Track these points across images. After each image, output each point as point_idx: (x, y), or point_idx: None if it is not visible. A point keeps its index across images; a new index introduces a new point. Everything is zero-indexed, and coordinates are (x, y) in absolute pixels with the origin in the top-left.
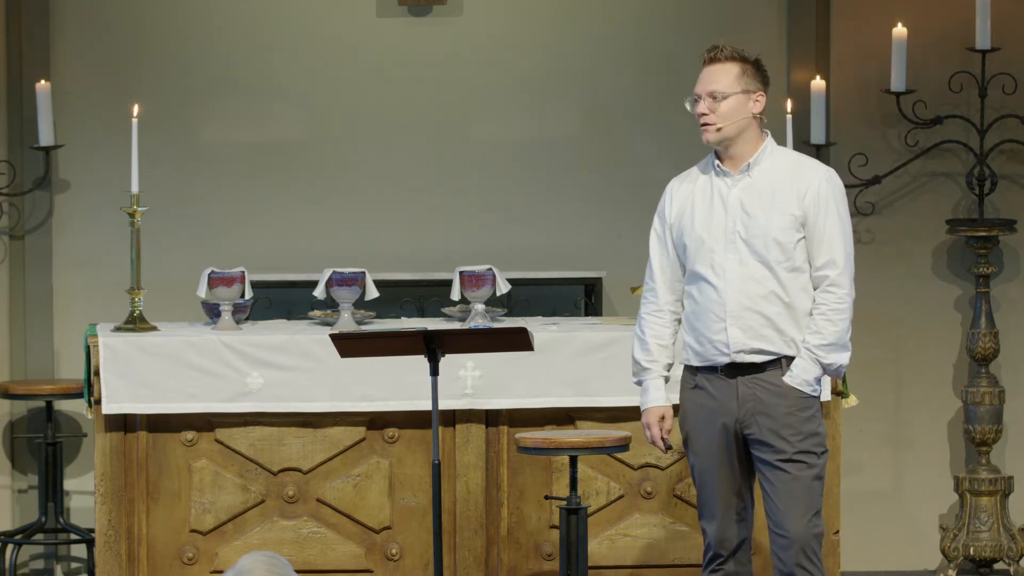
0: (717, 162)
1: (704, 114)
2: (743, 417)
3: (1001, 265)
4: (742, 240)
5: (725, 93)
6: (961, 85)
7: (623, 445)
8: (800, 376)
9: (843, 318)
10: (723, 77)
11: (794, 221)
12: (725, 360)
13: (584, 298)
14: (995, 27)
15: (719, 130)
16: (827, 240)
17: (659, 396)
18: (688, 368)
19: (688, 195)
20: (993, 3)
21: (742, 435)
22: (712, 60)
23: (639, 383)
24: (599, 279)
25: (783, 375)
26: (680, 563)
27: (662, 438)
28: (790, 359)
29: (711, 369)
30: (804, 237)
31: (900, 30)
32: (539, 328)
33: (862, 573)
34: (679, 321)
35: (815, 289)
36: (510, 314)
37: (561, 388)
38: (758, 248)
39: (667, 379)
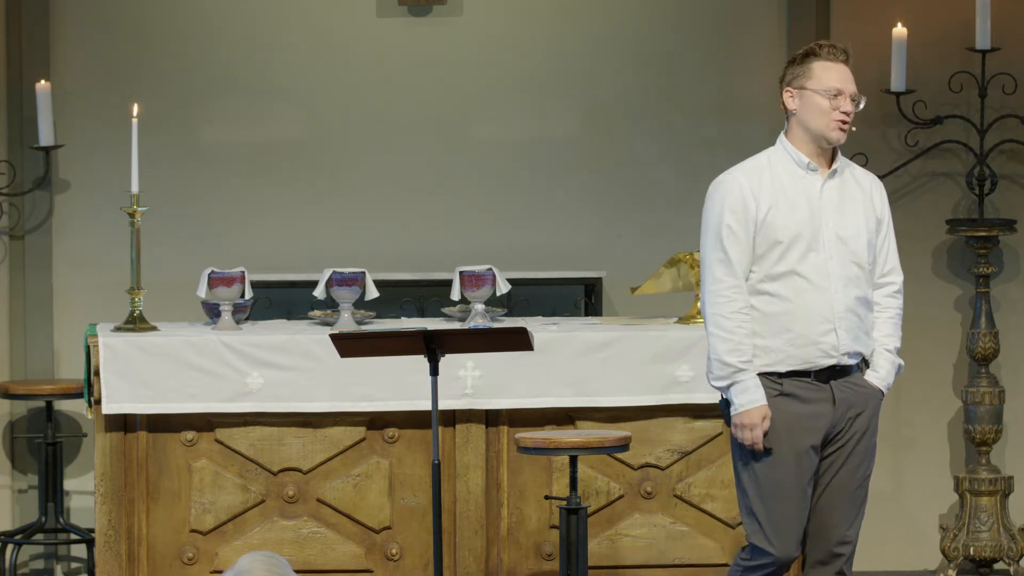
0: (807, 159)
1: (849, 112)
2: (837, 420)
3: (1001, 265)
4: (840, 240)
5: (861, 97)
6: (961, 85)
7: (623, 445)
8: (886, 378)
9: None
10: (853, 79)
11: (878, 225)
12: (830, 362)
13: (584, 298)
14: (995, 27)
15: (849, 131)
16: (893, 246)
17: (762, 395)
18: (767, 375)
19: (774, 191)
20: (993, 3)
21: (827, 440)
22: (847, 60)
23: (727, 383)
24: (599, 279)
25: (863, 376)
26: (680, 563)
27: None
28: (866, 362)
29: (802, 374)
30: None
31: (900, 30)
32: (539, 328)
33: (862, 573)
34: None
35: (877, 292)
36: (510, 314)
37: (561, 388)
38: (855, 248)
39: None
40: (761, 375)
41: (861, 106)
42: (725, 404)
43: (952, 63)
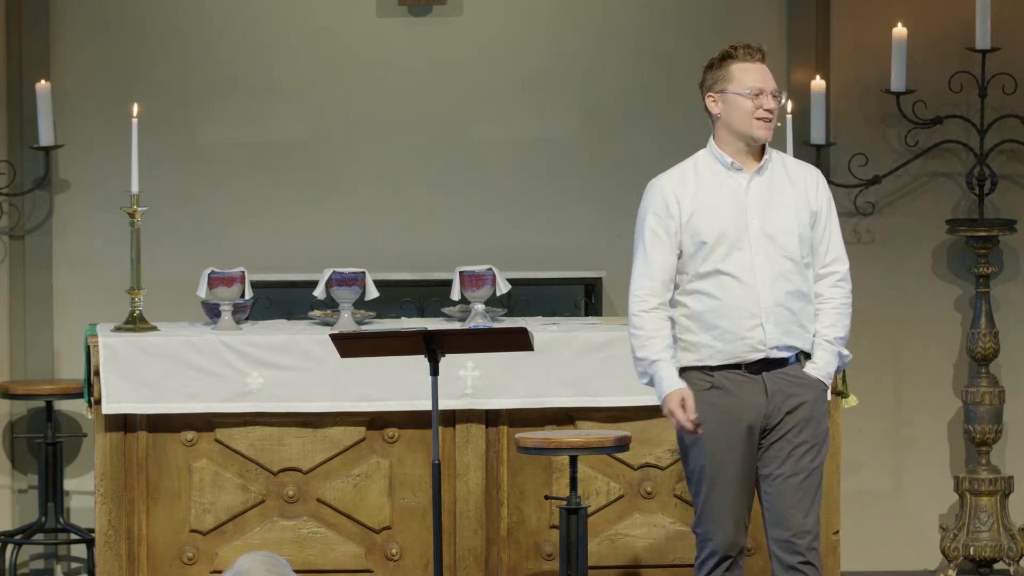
0: (730, 159)
1: (773, 110)
2: (771, 412)
3: (1001, 265)
4: (767, 236)
5: (781, 92)
6: (961, 85)
7: (623, 445)
8: (824, 368)
9: (850, 313)
10: (771, 76)
11: (810, 217)
12: (758, 356)
13: (584, 298)
14: (995, 27)
15: (775, 126)
16: (834, 236)
17: (675, 380)
18: (698, 369)
19: (697, 193)
20: (993, 3)
21: (764, 431)
22: (763, 59)
23: (648, 378)
24: (599, 279)
25: (803, 368)
26: (680, 563)
27: (691, 420)
28: (807, 354)
29: (733, 367)
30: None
31: (900, 30)
32: (539, 328)
33: (862, 573)
34: (671, 320)
35: (820, 283)
36: (510, 314)
37: (561, 388)
38: (784, 244)
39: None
40: (693, 369)
41: (783, 101)
42: None
43: (952, 63)
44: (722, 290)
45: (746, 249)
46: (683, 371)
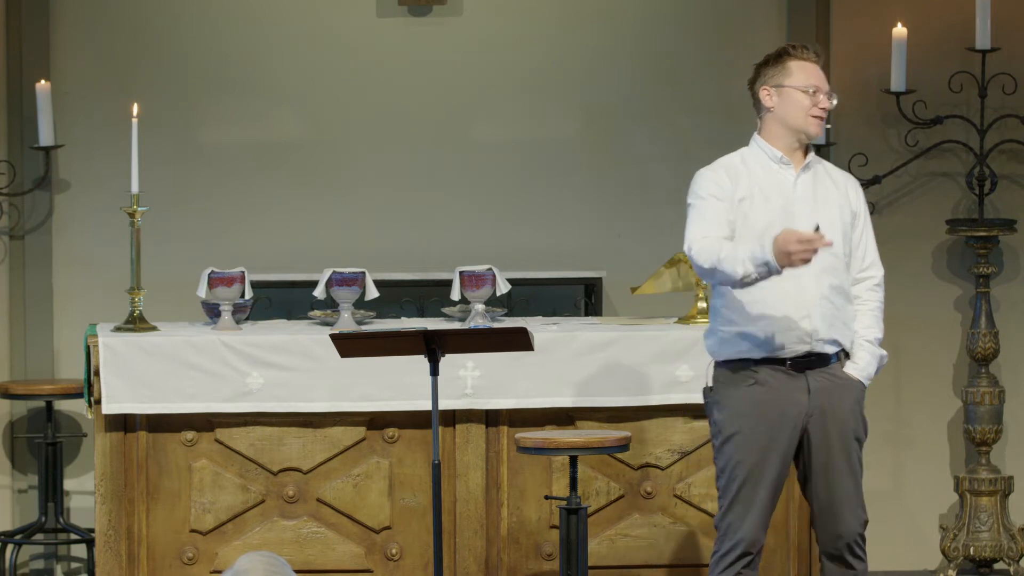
0: (779, 153)
1: (826, 108)
2: (812, 410)
3: (1001, 265)
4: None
5: (834, 95)
6: (961, 85)
7: (623, 445)
8: (865, 370)
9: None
10: (825, 78)
11: (854, 218)
12: (804, 348)
13: (584, 298)
14: (995, 27)
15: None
16: (871, 242)
17: (767, 239)
18: (741, 362)
19: (749, 184)
20: (993, 3)
21: (803, 430)
22: (819, 60)
23: (747, 263)
24: (599, 279)
25: (843, 368)
26: (680, 563)
27: (818, 236)
28: (846, 353)
29: (776, 362)
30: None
31: (900, 30)
32: (539, 328)
33: None
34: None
35: (857, 287)
36: (510, 314)
37: (561, 388)
38: (828, 238)
39: None
40: (735, 362)
41: (834, 103)
42: (706, 393)
43: (952, 63)
44: (769, 281)
45: None
46: (724, 363)
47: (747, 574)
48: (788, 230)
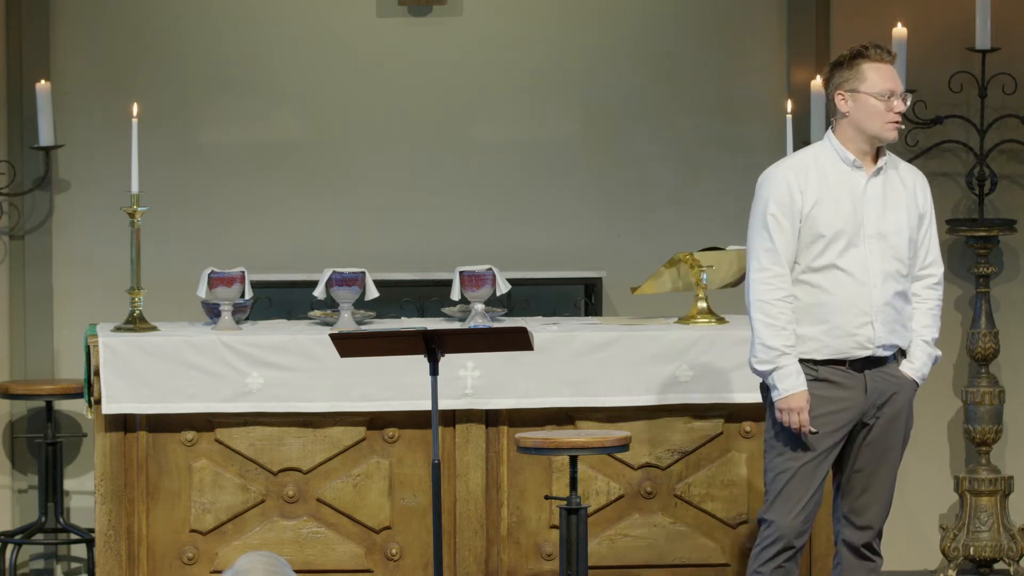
0: (852, 156)
1: (902, 112)
2: (867, 408)
3: (1001, 265)
4: (880, 235)
5: (908, 95)
6: (961, 85)
7: (623, 445)
8: (920, 370)
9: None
10: (899, 78)
11: (920, 220)
12: (864, 354)
13: (584, 298)
14: (995, 27)
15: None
16: (933, 240)
17: (803, 380)
18: (803, 361)
19: (819, 187)
20: (993, 3)
21: (858, 426)
22: (893, 60)
23: (770, 367)
24: (599, 279)
25: (899, 366)
26: (680, 563)
27: (807, 426)
28: (903, 352)
29: (837, 362)
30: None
31: (900, 30)
32: (539, 328)
33: None
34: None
35: (916, 284)
36: (510, 314)
37: (561, 388)
38: (895, 244)
39: None
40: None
41: (908, 103)
42: (765, 388)
43: (952, 63)
44: (836, 285)
45: (861, 246)
46: None
47: (788, 567)
48: (804, 399)
